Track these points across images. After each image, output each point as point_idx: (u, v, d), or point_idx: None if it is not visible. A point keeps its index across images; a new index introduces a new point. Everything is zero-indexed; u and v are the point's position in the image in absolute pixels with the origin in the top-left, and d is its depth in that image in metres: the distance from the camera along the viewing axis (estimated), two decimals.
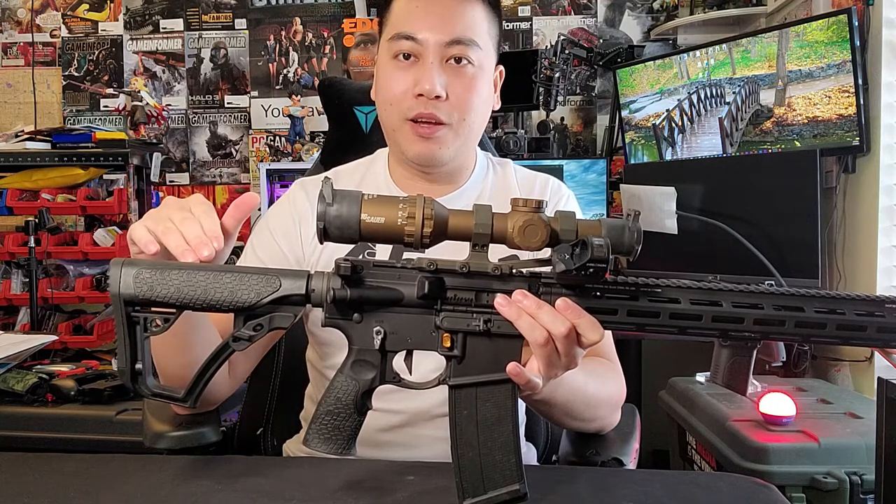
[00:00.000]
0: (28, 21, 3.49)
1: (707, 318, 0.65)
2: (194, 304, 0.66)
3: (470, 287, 0.67)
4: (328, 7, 3.36)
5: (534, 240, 0.64)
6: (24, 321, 2.97)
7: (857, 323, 0.65)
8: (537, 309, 0.65)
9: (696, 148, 2.56)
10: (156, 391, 0.69)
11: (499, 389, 0.68)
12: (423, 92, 0.92)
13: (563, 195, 1.08)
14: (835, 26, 2.02)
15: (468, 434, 0.67)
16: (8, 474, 0.79)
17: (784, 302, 0.66)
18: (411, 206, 0.63)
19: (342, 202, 0.63)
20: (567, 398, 0.83)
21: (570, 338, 0.65)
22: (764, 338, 0.67)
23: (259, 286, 0.66)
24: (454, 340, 0.67)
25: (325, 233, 0.64)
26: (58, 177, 2.91)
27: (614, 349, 1.01)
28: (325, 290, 0.67)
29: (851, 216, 2.09)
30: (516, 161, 1.15)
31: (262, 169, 3.01)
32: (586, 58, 3.00)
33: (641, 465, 1.00)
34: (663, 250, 2.28)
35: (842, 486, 1.41)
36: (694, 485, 0.76)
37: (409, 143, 0.96)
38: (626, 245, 0.64)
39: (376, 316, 0.68)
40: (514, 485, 0.66)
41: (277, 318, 0.67)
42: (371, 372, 0.68)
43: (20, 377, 1.89)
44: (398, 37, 0.94)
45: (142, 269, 0.66)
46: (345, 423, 0.69)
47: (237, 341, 0.67)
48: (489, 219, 0.64)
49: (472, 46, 0.93)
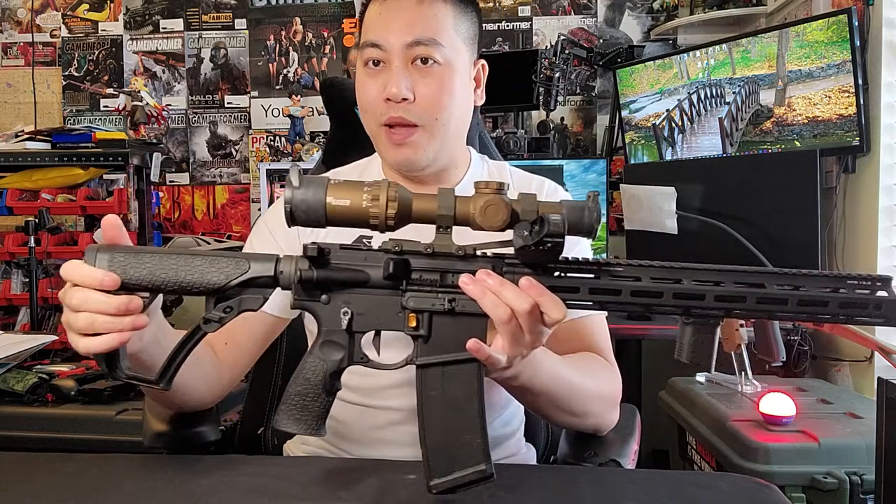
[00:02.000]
0: (28, 21, 3.49)
1: (668, 295, 0.66)
2: (167, 286, 0.68)
3: (435, 268, 0.68)
4: (328, 7, 3.36)
5: (496, 219, 0.65)
6: (24, 321, 2.97)
7: (819, 298, 0.66)
8: (500, 287, 0.66)
9: (696, 148, 2.57)
10: (130, 374, 0.71)
11: (465, 369, 0.69)
12: (390, 96, 0.93)
13: (558, 197, 1.07)
14: (835, 26, 2.02)
15: (435, 415, 0.69)
16: (8, 474, 0.79)
17: (745, 279, 0.67)
18: (376, 189, 0.65)
19: (309, 186, 0.65)
20: (549, 386, 0.83)
21: (533, 315, 0.67)
22: (727, 315, 0.68)
23: (228, 269, 0.68)
24: (420, 320, 0.69)
25: (291, 216, 0.65)
26: (58, 177, 2.91)
27: (611, 349, 1.01)
28: (293, 271, 0.68)
29: (851, 216, 2.09)
30: (516, 161, 1.15)
31: (262, 169, 3.01)
32: (586, 58, 3.00)
33: (641, 465, 1.00)
34: (663, 250, 2.28)
35: (842, 486, 1.41)
36: (694, 485, 0.76)
37: (387, 150, 0.98)
38: (586, 224, 0.65)
39: (343, 297, 0.69)
40: (481, 465, 0.67)
41: (247, 300, 0.69)
42: (339, 352, 0.70)
43: (20, 377, 1.89)
44: (366, 45, 0.96)
45: (115, 255, 0.68)
46: (313, 404, 0.70)
47: (207, 323, 0.69)
48: (452, 201, 0.66)
49: (434, 46, 0.94)
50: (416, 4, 0.94)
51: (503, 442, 1.04)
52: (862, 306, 0.66)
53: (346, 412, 0.98)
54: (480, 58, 1.04)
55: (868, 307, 0.66)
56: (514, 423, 1.07)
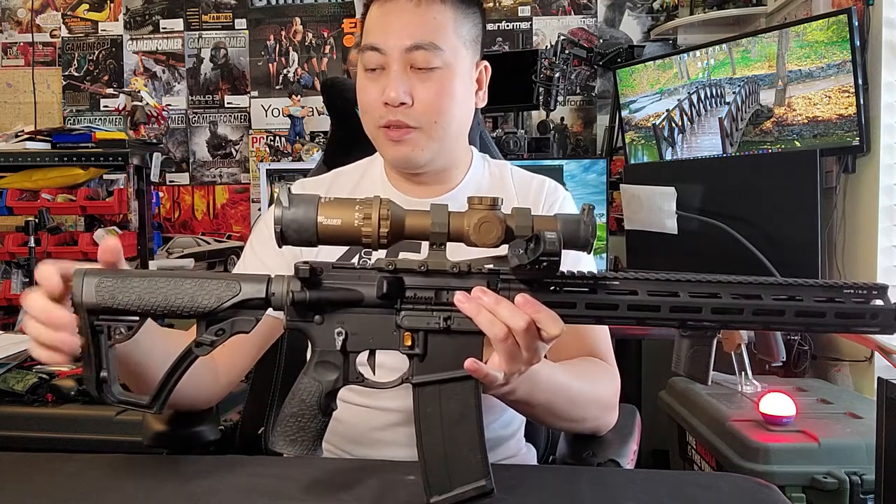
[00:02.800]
0: (28, 21, 3.49)
1: (665, 308, 0.66)
2: (156, 310, 0.67)
3: (429, 286, 0.68)
4: (328, 7, 3.36)
5: (489, 236, 0.65)
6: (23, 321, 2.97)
7: (815, 309, 0.66)
8: (496, 305, 0.66)
9: (696, 148, 2.56)
10: (121, 399, 0.70)
11: (462, 386, 0.68)
12: (388, 100, 0.93)
13: (559, 196, 1.07)
14: (835, 26, 2.02)
15: (433, 431, 0.68)
16: (8, 474, 0.78)
17: (742, 290, 0.66)
18: (368, 208, 0.64)
19: (299, 205, 0.64)
20: (547, 397, 0.83)
21: (529, 332, 0.66)
22: (723, 327, 0.68)
23: (219, 291, 0.67)
24: (415, 339, 0.68)
25: (282, 236, 0.64)
26: (58, 177, 2.91)
27: (611, 350, 1.01)
28: (285, 293, 0.67)
29: (851, 216, 2.09)
30: (516, 161, 1.15)
31: (262, 169, 3.01)
32: (586, 58, 3.00)
33: (641, 465, 1.00)
34: (663, 250, 2.28)
35: (842, 486, 1.41)
36: (694, 485, 0.76)
37: (385, 148, 0.98)
38: (582, 239, 0.65)
39: (337, 317, 0.68)
40: (481, 481, 0.67)
41: (239, 323, 0.68)
42: (334, 373, 0.69)
43: (20, 377, 1.89)
44: (365, 48, 0.96)
45: (103, 279, 0.66)
46: (309, 424, 0.69)
47: (199, 346, 0.68)
48: (445, 217, 0.66)
49: (433, 50, 0.93)
50: (414, 6, 0.94)
51: (503, 443, 1.04)
52: (858, 316, 0.66)
53: (347, 413, 0.98)
54: (483, 59, 1.03)
55: (865, 317, 0.66)
56: (514, 425, 1.07)
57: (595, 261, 1.13)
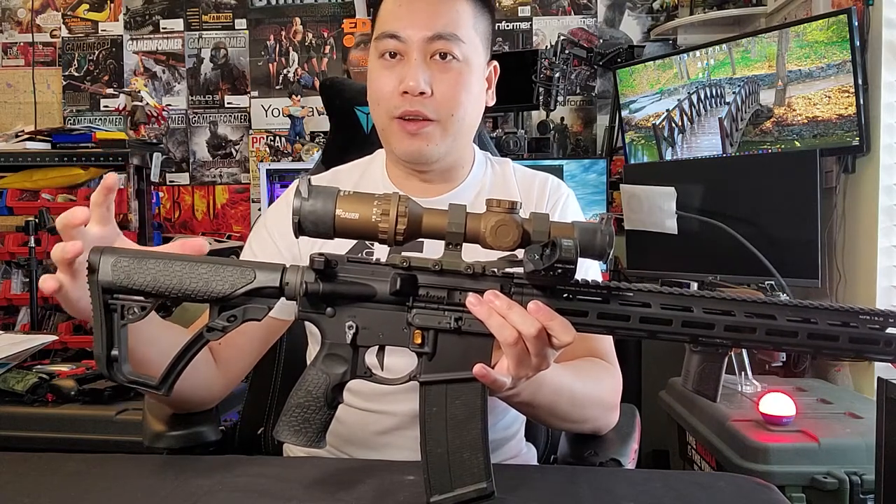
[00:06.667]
0: (28, 21, 3.49)
1: (677, 322, 0.65)
2: (170, 292, 0.67)
3: (442, 285, 0.67)
4: (328, 7, 3.36)
5: (506, 240, 0.64)
6: (24, 321, 2.97)
7: (829, 333, 0.65)
8: (508, 309, 0.65)
9: (696, 148, 2.57)
10: (131, 378, 0.69)
11: (468, 388, 0.68)
12: (408, 89, 0.92)
13: (562, 194, 1.07)
14: (835, 26, 2.02)
15: (437, 431, 0.68)
16: (8, 474, 0.78)
17: (756, 309, 0.65)
18: (386, 204, 0.64)
19: (318, 197, 0.64)
20: (551, 399, 0.83)
21: (540, 338, 0.66)
22: (735, 345, 0.67)
23: (234, 277, 0.67)
24: (425, 337, 0.68)
25: (299, 227, 0.65)
26: (58, 177, 2.91)
27: (613, 350, 1.01)
28: (299, 283, 0.67)
29: (851, 216, 2.09)
30: (516, 161, 1.15)
31: (262, 169, 3.01)
32: (586, 58, 3.00)
33: (641, 465, 1.00)
34: (663, 250, 2.28)
35: (842, 486, 1.41)
36: (694, 485, 0.76)
37: (398, 140, 0.96)
38: (598, 248, 0.64)
39: (349, 311, 0.68)
40: (482, 483, 0.67)
41: (251, 310, 0.68)
42: (342, 366, 0.69)
43: (20, 377, 1.89)
44: (383, 36, 0.95)
45: (120, 258, 0.66)
46: (315, 416, 0.69)
47: (211, 331, 0.68)
48: (463, 218, 0.65)
49: (454, 42, 0.93)
50: None
51: (504, 444, 1.04)
52: (873, 342, 0.65)
53: (349, 416, 0.98)
54: (492, 59, 1.03)
55: (879, 343, 0.65)
56: (516, 426, 1.07)
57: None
